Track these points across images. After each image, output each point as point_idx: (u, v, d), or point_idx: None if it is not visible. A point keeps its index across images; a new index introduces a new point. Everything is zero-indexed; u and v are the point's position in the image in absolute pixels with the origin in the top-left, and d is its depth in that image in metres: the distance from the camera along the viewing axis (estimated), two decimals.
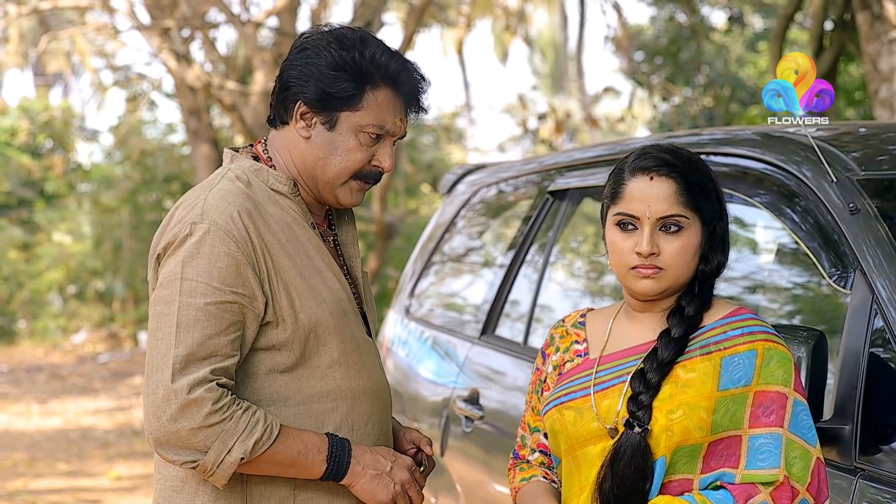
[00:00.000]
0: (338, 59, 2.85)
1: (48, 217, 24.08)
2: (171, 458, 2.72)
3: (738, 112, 16.99)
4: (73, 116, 27.32)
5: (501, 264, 4.96)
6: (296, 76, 2.87)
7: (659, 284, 2.74)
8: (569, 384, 2.84)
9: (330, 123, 2.88)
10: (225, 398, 2.70)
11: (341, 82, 2.85)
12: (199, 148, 18.33)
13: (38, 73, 36.21)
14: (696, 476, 2.67)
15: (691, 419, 2.65)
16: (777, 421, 2.63)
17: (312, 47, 2.88)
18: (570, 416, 2.78)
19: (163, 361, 2.70)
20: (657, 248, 2.72)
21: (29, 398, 15.51)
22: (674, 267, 2.73)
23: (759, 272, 3.75)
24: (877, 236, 3.08)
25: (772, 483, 2.60)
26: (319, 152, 2.89)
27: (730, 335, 2.71)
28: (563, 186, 4.67)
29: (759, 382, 2.65)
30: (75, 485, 10.07)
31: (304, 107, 2.87)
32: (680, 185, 2.73)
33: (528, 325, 4.60)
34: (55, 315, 24.03)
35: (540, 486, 2.91)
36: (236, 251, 2.75)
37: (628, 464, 2.66)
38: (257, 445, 2.72)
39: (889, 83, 8.37)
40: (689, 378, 2.68)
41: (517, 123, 34.50)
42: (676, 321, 2.74)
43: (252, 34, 16.08)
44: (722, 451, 2.66)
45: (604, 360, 2.82)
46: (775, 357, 2.68)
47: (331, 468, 2.82)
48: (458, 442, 4.64)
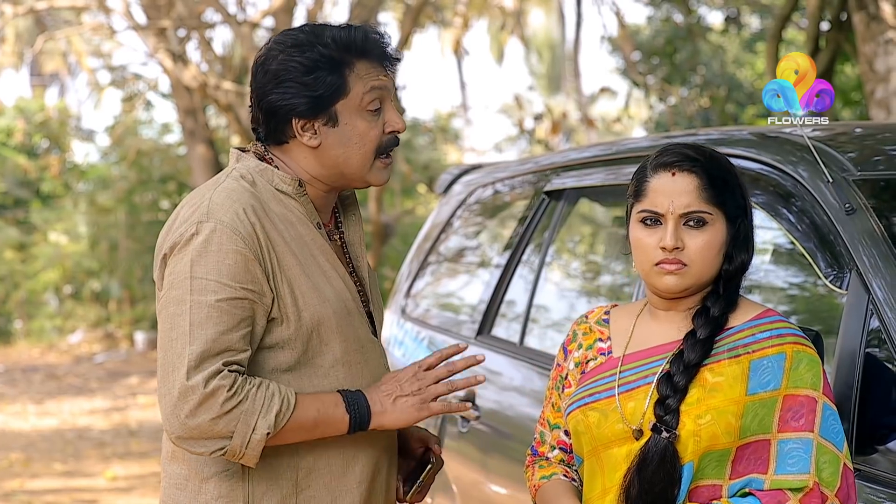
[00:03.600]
0: (307, 63, 2.85)
1: (44, 217, 24.05)
2: (199, 451, 2.73)
3: (734, 113, 16.99)
4: (70, 116, 27.29)
5: (497, 264, 4.95)
6: (277, 99, 2.86)
7: (683, 281, 2.72)
8: (593, 384, 2.82)
9: (332, 121, 2.87)
10: (237, 380, 2.71)
11: (322, 80, 2.85)
12: (196, 148, 18.33)
13: (34, 73, 36.19)
14: (724, 482, 2.66)
15: (720, 424, 2.63)
16: (807, 425, 2.61)
17: (275, 65, 2.86)
18: (595, 418, 2.77)
19: (178, 360, 2.70)
20: (681, 243, 2.71)
21: (25, 398, 15.50)
22: (698, 263, 2.72)
23: (755, 272, 3.75)
24: (873, 236, 3.08)
25: (801, 489, 2.58)
26: (336, 151, 2.89)
27: (758, 338, 2.69)
28: (559, 187, 4.67)
29: (788, 386, 2.64)
30: (72, 485, 10.06)
31: (302, 120, 2.87)
32: (703, 179, 2.73)
33: (524, 326, 4.60)
34: (51, 315, 24.01)
35: (561, 484, 2.88)
36: (244, 247, 2.76)
37: (657, 470, 2.64)
38: (279, 417, 2.73)
39: (885, 83, 8.38)
40: (717, 382, 2.66)
41: (513, 124, 34.50)
42: (702, 322, 2.72)
43: (248, 34, 16.08)
44: (750, 456, 2.64)
45: (627, 359, 2.80)
46: (804, 360, 2.66)
47: (354, 417, 2.82)
48: (455, 442, 4.64)
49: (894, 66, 8.34)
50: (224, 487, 2.84)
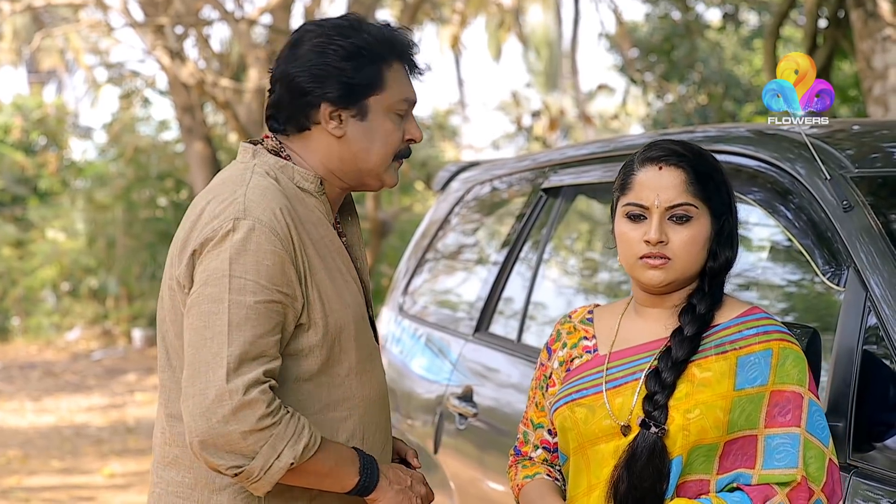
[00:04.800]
0: (349, 48, 2.76)
1: (42, 214, 24.03)
2: (215, 462, 2.60)
3: (732, 110, 16.98)
4: (67, 113, 27.27)
5: (495, 262, 4.95)
6: (308, 79, 2.75)
7: (666, 275, 2.73)
8: (579, 381, 2.82)
9: (361, 114, 2.79)
10: (275, 401, 2.60)
11: (360, 69, 2.76)
12: (193, 145, 18.32)
13: (31, 70, 36.17)
14: (712, 476, 2.67)
15: (708, 418, 2.64)
16: (794, 420, 2.63)
17: (311, 45, 2.77)
18: (582, 414, 2.77)
19: (214, 361, 2.58)
20: (665, 237, 2.72)
21: (22, 395, 15.50)
22: (682, 257, 2.73)
23: (752, 269, 3.75)
24: (870, 233, 3.08)
25: (788, 483, 2.60)
26: (359, 145, 2.81)
27: (745, 334, 2.71)
28: (556, 184, 4.67)
29: (775, 382, 2.65)
30: (69, 482, 10.06)
31: (331, 107, 2.78)
32: (689, 174, 2.74)
33: (522, 323, 4.59)
34: (49, 312, 23.99)
35: (545, 483, 2.88)
36: (281, 249, 2.66)
37: (645, 465, 2.65)
38: (306, 450, 2.63)
39: (883, 81, 8.38)
40: (704, 377, 2.67)
41: (511, 121, 34.47)
42: (688, 319, 2.73)
43: (246, 31, 16.08)
44: (738, 451, 2.65)
45: (614, 356, 2.81)
46: (790, 357, 2.68)
47: (362, 481, 2.76)
48: (452, 439, 4.64)
49: (892, 62, 8.34)
50: (239, 501, 2.75)
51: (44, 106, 26.41)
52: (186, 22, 16.28)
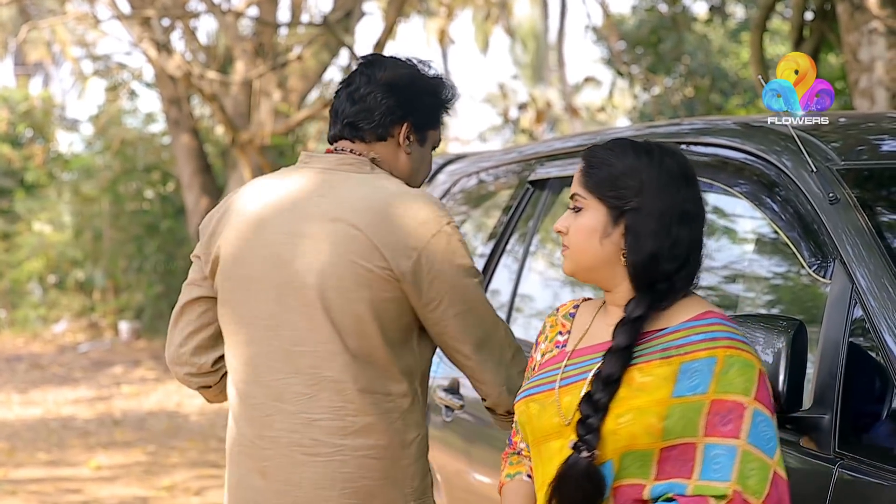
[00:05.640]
0: (434, 84, 3.23)
1: (28, 207, 24.00)
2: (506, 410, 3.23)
3: (718, 102, 17.00)
4: (54, 106, 27.23)
5: (482, 254, 4.95)
6: (406, 99, 3.17)
7: (568, 264, 2.83)
8: (538, 377, 2.81)
9: (422, 140, 3.24)
10: None
11: (435, 106, 3.24)
12: (180, 137, 18.31)
13: (18, 62, 36.10)
14: (649, 482, 2.62)
15: (639, 424, 2.59)
16: (734, 431, 2.57)
17: (405, 71, 3.20)
18: (535, 409, 2.76)
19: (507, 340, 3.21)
20: (564, 228, 2.83)
21: (9, 388, 15.48)
22: (573, 245, 2.81)
23: (738, 262, 3.76)
24: (856, 226, 3.08)
25: (723, 497, 2.54)
26: (414, 165, 3.25)
27: (691, 339, 2.65)
28: (543, 176, 4.67)
29: (716, 390, 2.59)
30: (56, 474, 10.05)
31: (409, 127, 3.20)
32: (583, 167, 2.81)
33: (509, 315, 4.60)
34: (35, 305, 23.97)
35: (521, 486, 2.88)
36: None
37: (577, 489, 2.61)
38: None
39: (869, 73, 8.39)
40: (643, 382, 2.62)
41: (498, 113, 34.51)
42: (620, 330, 2.69)
43: (233, 24, 16.07)
44: (677, 458, 2.60)
45: (575, 353, 2.79)
46: (736, 365, 2.61)
47: None
48: (438, 431, 4.64)
49: (878, 55, 8.35)
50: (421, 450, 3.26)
51: (30, 98, 26.37)
52: (173, 14, 16.26)
